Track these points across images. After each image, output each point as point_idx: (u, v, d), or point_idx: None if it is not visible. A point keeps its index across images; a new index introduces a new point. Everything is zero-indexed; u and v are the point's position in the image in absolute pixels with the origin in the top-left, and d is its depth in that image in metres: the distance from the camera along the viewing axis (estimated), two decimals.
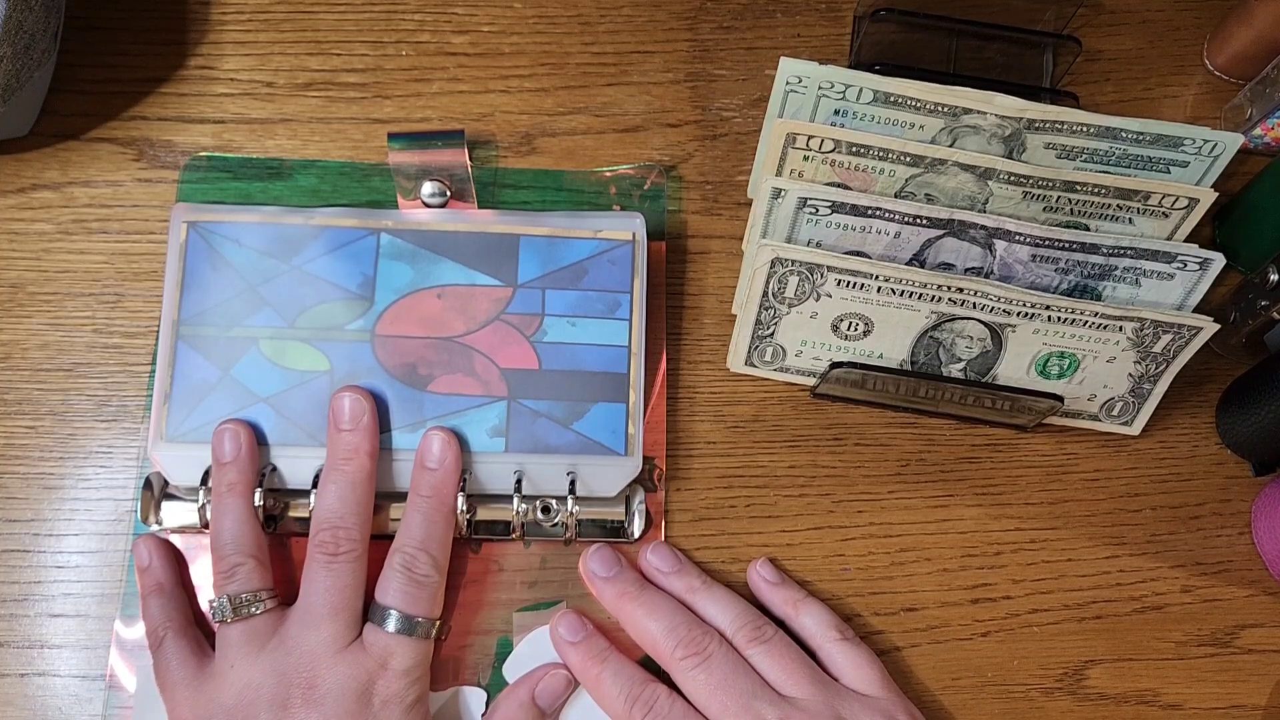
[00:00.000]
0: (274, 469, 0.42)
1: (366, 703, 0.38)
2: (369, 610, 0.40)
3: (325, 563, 0.39)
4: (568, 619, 0.42)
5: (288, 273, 0.44)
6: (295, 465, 0.42)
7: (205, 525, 0.41)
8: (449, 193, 0.45)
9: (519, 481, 0.42)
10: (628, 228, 0.45)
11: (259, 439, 0.42)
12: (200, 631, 0.41)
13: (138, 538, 0.42)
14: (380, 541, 0.41)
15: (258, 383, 0.43)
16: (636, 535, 0.44)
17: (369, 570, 0.40)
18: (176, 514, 0.42)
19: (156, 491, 0.43)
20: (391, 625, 0.39)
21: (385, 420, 0.43)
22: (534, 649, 0.42)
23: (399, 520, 0.41)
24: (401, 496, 0.42)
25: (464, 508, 0.42)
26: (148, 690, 0.40)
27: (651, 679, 0.40)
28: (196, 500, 0.41)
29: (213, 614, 0.39)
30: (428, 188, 0.45)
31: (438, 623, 0.40)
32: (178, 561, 0.42)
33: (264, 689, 0.37)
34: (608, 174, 0.48)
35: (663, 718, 0.39)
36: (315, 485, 0.41)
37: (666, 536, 0.45)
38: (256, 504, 0.40)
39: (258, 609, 0.39)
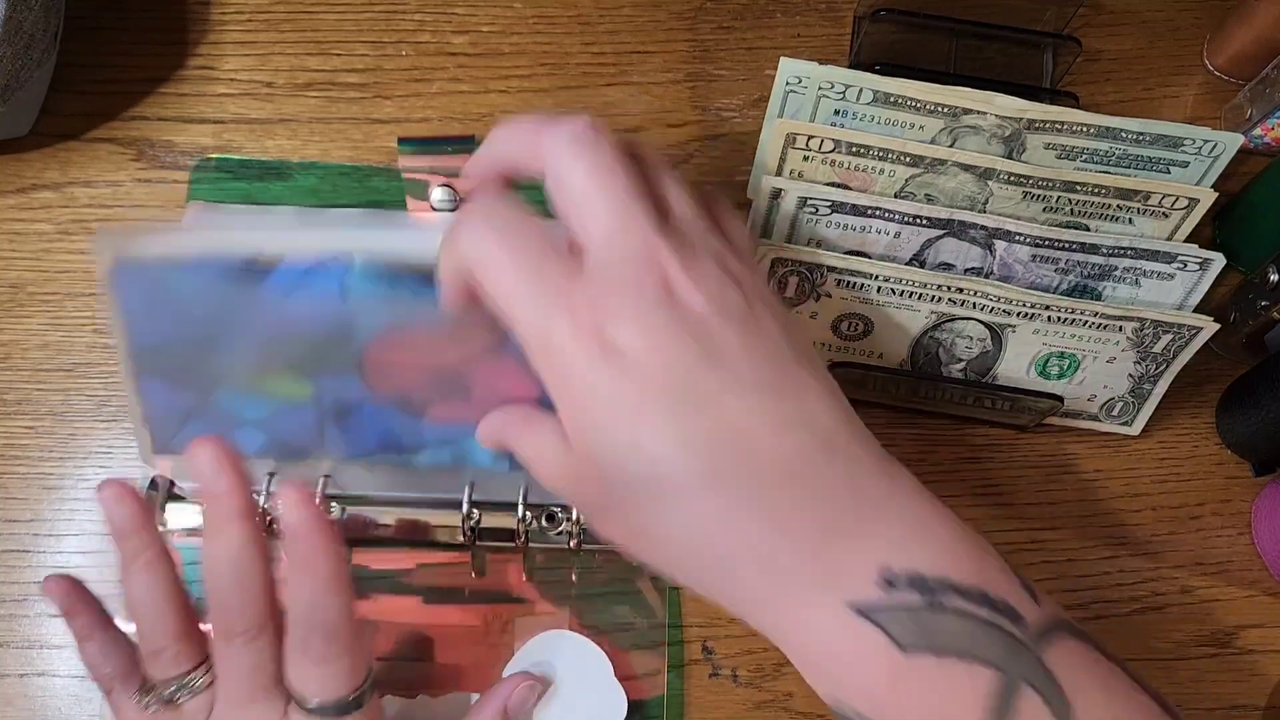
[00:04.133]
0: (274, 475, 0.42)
1: None
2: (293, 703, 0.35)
3: (224, 645, 0.34)
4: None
5: (253, 306, 0.37)
6: (296, 470, 0.42)
7: None
8: (459, 198, 0.45)
9: (526, 490, 0.42)
10: None
11: (250, 456, 0.38)
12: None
13: (46, 580, 0.37)
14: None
15: (241, 409, 0.39)
16: None
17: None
18: (182, 516, 0.42)
19: (162, 494, 0.42)
20: (308, 712, 0.34)
21: (384, 445, 0.41)
22: (534, 656, 0.42)
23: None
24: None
25: (468, 513, 0.41)
26: None
27: None
28: (200, 504, 0.41)
29: (141, 704, 0.35)
30: (437, 193, 0.45)
31: (360, 689, 0.35)
32: (94, 597, 0.37)
33: None
34: None
35: None
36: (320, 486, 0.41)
37: None
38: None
39: (186, 697, 0.35)
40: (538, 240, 0.31)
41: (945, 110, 0.43)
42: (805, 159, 0.43)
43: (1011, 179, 0.43)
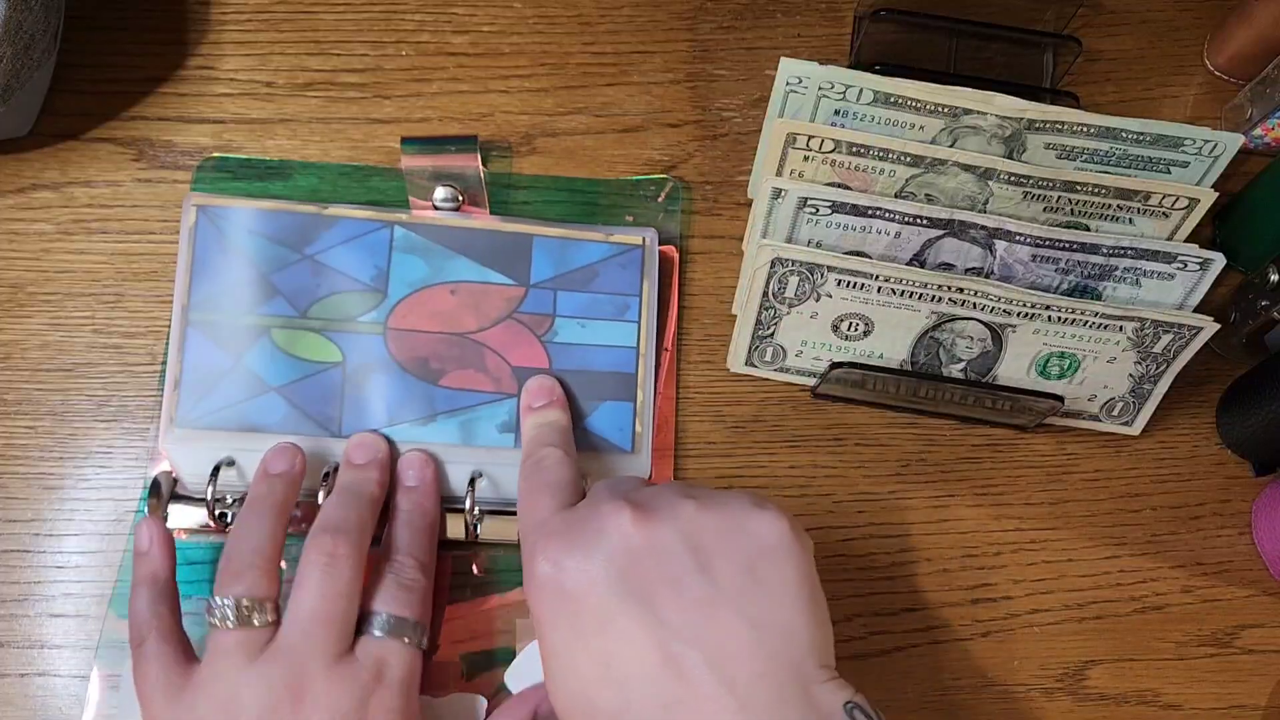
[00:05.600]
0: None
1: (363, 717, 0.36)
2: (359, 622, 0.38)
3: (324, 565, 0.38)
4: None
5: (300, 262, 0.44)
6: (307, 456, 0.42)
7: (215, 522, 0.41)
8: (461, 199, 0.45)
9: None
10: (639, 234, 0.46)
11: (269, 429, 0.42)
12: (186, 636, 0.39)
13: (142, 519, 0.40)
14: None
15: (270, 372, 0.43)
16: None
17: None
18: (184, 516, 0.42)
19: (165, 492, 0.42)
20: (380, 629, 0.38)
21: (397, 414, 0.43)
22: (535, 658, 0.42)
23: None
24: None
25: (471, 508, 0.42)
26: (133, 691, 0.40)
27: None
28: (205, 499, 0.41)
29: (212, 615, 0.37)
30: (440, 193, 0.45)
31: (426, 630, 0.39)
32: (173, 555, 0.40)
33: (248, 702, 0.35)
34: (629, 183, 0.48)
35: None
36: (325, 479, 0.41)
37: None
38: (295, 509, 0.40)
39: (259, 620, 0.37)
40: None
41: (945, 110, 0.43)
42: (805, 159, 0.43)
43: (1012, 179, 0.43)
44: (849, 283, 0.43)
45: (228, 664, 0.36)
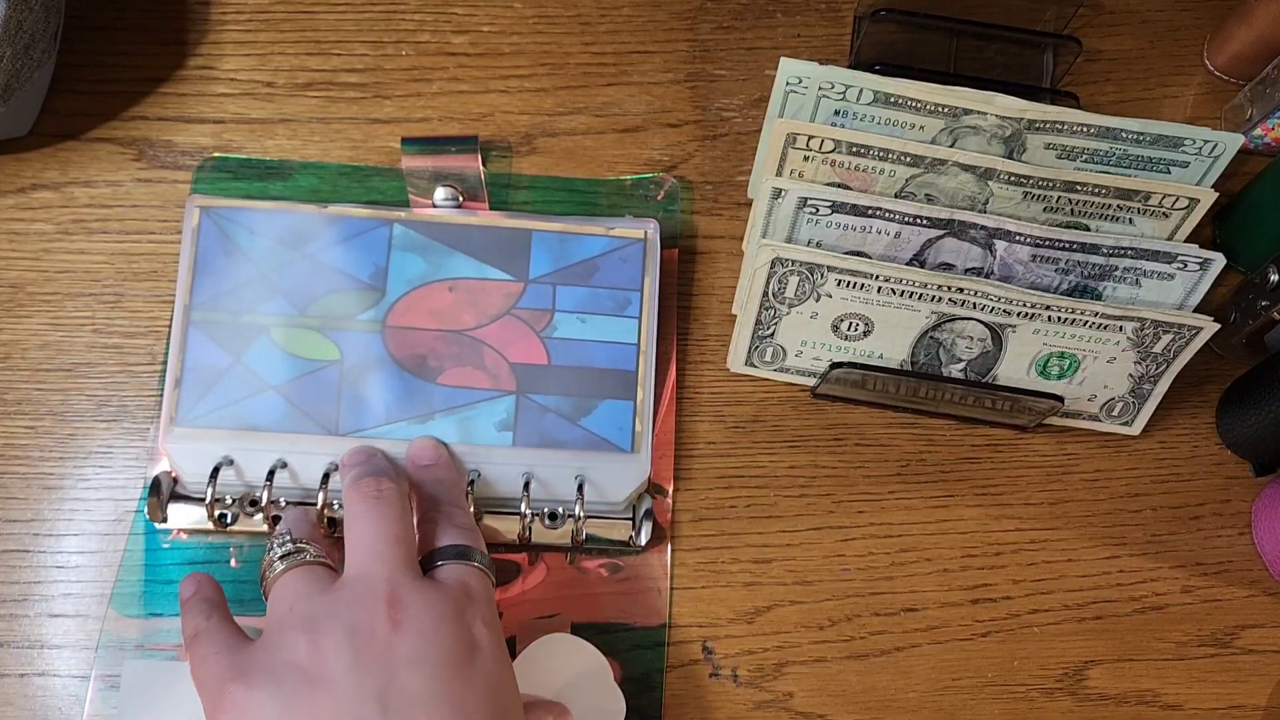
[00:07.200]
0: (283, 464, 0.42)
1: (463, 624, 0.33)
2: (425, 561, 0.36)
3: (373, 497, 0.37)
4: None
5: (300, 261, 0.44)
6: (305, 456, 0.42)
7: (215, 522, 0.41)
8: (461, 199, 0.45)
9: (527, 483, 0.42)
10: (640, 227, 0.46)
11: (267, 427, 0.42)
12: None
13: (183, 578, 0.39)
14: None
15: (268, 370, 0.43)
16: (643, 544, 0.44)
17: None
18: (184, 515, 0.42)
19: (165, 492, 0.42)
20: (451, 557, 0.36)
21: (395, 411, 0.43)
22: (534, 659, 0.42)
23: None
24: None
25: (470, 509, 0.42)
26: (133, 690, 0.40)
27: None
28: (204, 499, 0.41)
29: (271, 548, 0.35)
30: (440, 193, 0.45)
31: (493, 564, 0.38)
32: (219, 588, 0.38)
33: (339, 617, 0.32)
34: (628, 183, 0.48)
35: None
36: (324, 481, 0.41)
37: (673, 538, 0.45)
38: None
39: (314, 554, 0.35)
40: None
41: (945, 110, 0.43)
42: (805, 159, 0.43)
43: (1012, 179, 0.43)
44: (849, 283, 0.43)
45: (298, 597, 0.34)
